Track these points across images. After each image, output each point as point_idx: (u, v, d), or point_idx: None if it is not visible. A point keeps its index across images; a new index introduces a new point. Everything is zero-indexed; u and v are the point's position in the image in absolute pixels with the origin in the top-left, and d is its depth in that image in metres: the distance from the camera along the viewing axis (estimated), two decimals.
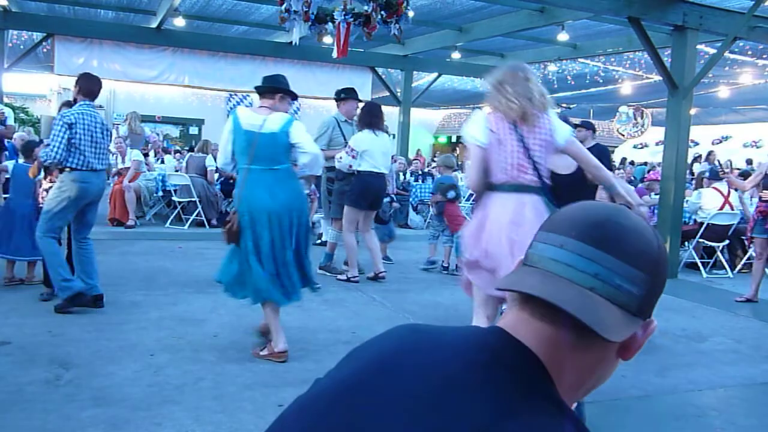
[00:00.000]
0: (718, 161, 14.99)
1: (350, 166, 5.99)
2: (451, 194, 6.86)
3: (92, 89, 4.76)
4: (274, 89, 3.96)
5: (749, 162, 16.15)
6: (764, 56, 10.98)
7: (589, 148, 5.79)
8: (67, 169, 4.55)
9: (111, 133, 4.89)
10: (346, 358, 0.86)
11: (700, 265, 7.76)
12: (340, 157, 6.01)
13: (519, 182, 2.99)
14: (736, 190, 7.92)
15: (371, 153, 5.94)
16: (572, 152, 3.14)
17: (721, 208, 7.67)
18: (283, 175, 3.83)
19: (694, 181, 10.63)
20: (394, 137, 12.94)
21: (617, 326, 0.75)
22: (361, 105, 6.44)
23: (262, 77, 4.09)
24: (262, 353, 3.84)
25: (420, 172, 13.43)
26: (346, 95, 6.47)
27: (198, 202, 9.28)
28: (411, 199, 11.70)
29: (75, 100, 4.79)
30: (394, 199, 7.08)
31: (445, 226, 6.97)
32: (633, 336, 0.79)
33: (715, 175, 8.15)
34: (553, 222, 0.83)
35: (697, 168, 13.98)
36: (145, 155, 10.31)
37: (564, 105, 17.88)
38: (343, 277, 6.21)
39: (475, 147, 2.99)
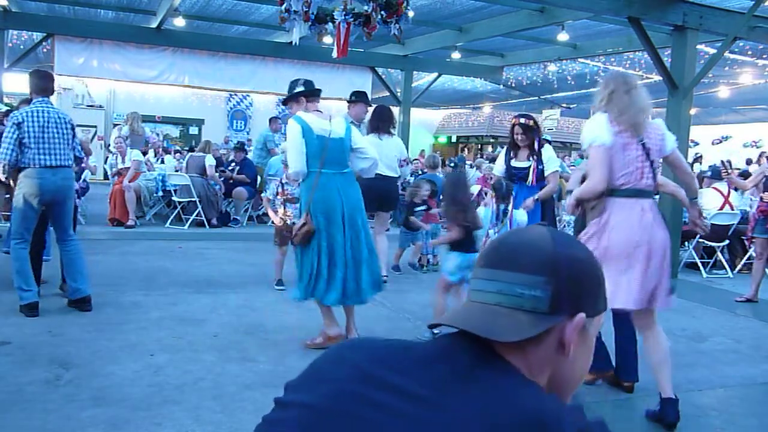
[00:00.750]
0: (722, 161, 14.90)
1: None
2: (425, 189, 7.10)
3: (43, 86, 4.64)
4: (317, 92, 4.21)
5: (749, 162, 16.14)
6: (764, 56, 10.97)
7: None
8: (22, 168, 4.49)
9: (71, 126, 4.66)
10: (310, 377, 0.89)
11: (700, 265, 7.76)
12: None
13: (638, 187, 3.06)
14: (736, 189, 7.93)
15: None
16: (674, 159, 3.26)
17: (721, 208, 7.66)
18: (350, 177, 4.07)
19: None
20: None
21: (519, 328, 0.84)
22: (371, 109, 6.51)
23: (305, 81, 4.23)
24: (316, 341, 4.00)
25: (420, 172, 13.42)
26: (356, 98, 6.51)
27: (198, 202, 9.29)
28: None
29: (30, 99, 4.70)
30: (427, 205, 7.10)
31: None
32: (561, 332, 0.88)
33: (717, 174, 8.14)
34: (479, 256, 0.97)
35: (697, 168, 13.95)
36: (144, 154, 10.32)
37: (564, 105, 17.87)
38: None
39: (600, 148, 3.03)
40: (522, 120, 5.16)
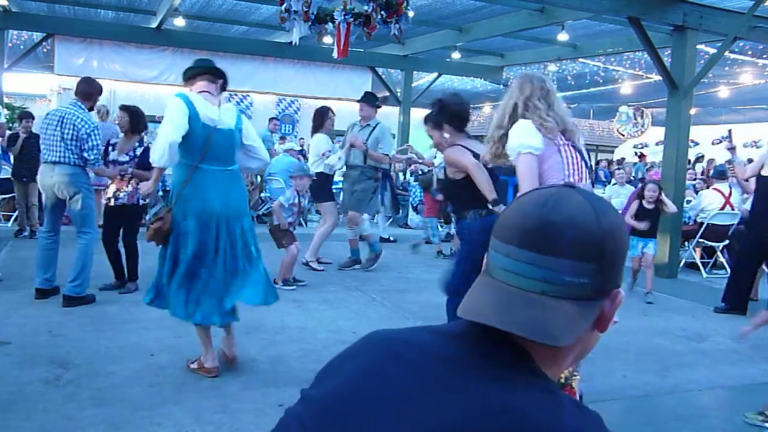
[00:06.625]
0: (728, 161, 14.88)
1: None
2: None
3: (77, 90, 5.02)
4: (199, 70, 3.74)
5: (749, 162, 16.11)
6: (764, 56, 10.97)
7: None
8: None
9: (70, 125, 4.75)
10: (327, 369, 0.88)
11: (700, 265, 7.75)
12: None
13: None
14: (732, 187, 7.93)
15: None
16: None
17: (722, 208, 7.66)
18: (235, 176, 3.64)
19: (696, 182, 10.61)
20: (394, 137, 12.94)
21: (572, 323, 0.77)
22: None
23: (198, 60, 3.88)
24: (192, 366, 3.58)
25: (420, 172, 13.39)
26: (364, 100, 6.95)
27: None
28: (411, 200, 11.70)
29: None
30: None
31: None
32: (601, 310, 0.82)
33: (719, 175, 8.13)
34: (498, 227, 0.84)
35: (699, 168, 13.95)
36: None
37: (564, 105, 17.85)
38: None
39: (529, 156, 2.90)
40: None
